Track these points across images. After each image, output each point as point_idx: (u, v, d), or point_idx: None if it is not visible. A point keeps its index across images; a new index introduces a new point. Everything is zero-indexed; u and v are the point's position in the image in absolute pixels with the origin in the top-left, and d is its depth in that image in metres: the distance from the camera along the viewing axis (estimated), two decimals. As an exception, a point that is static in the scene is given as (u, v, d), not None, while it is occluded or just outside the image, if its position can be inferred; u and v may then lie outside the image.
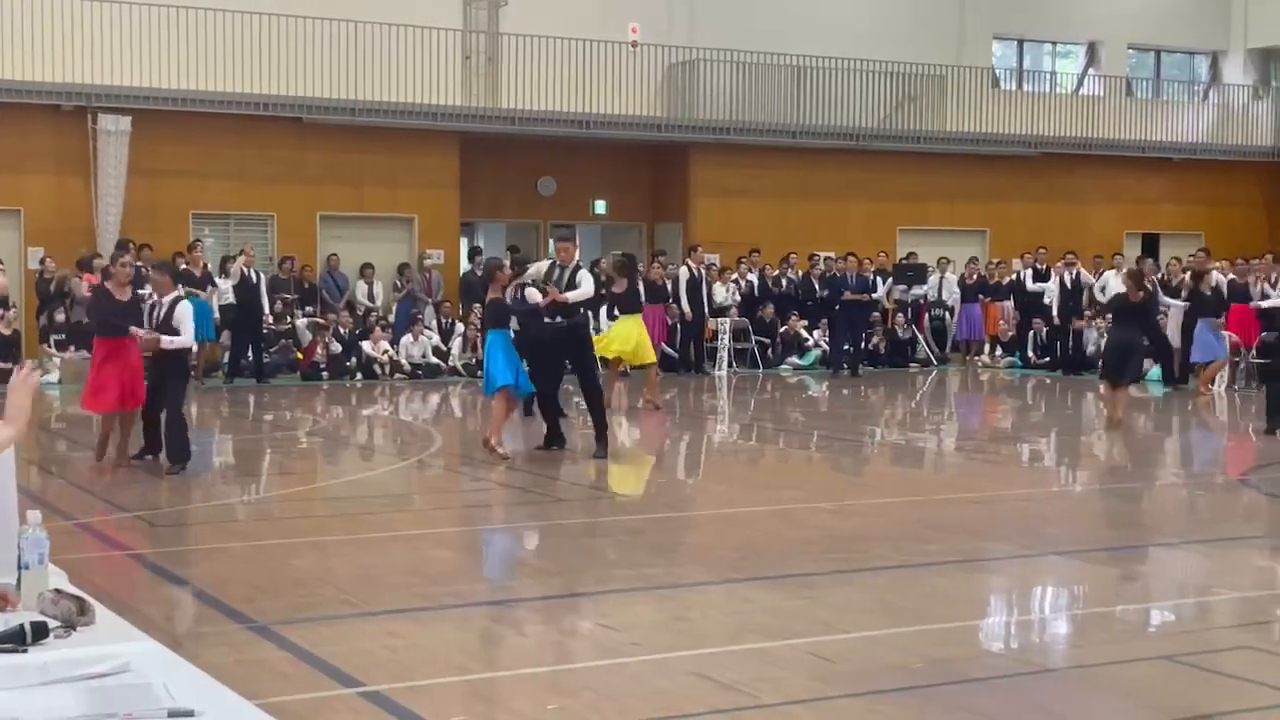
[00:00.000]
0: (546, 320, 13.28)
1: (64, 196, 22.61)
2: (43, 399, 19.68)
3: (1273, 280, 21.98)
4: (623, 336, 17.38)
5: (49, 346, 21.21)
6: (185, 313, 12.27)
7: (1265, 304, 19.57)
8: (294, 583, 8.03)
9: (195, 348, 17.01)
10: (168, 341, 12.04)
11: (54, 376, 20.90)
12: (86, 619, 3.48)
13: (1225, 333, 20.51)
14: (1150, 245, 30.39)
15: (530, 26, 25.37)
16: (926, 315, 26.40)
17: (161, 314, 12.19)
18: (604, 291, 17.65)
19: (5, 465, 3.83)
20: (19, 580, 3.65)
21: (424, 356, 22.65)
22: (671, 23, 27.02)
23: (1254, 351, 21.17)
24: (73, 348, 21.27)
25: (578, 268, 13.54)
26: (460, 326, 23.15)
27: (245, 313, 21.29)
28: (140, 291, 13.60)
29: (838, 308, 23.90)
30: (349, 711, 5.68)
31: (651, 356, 18.09)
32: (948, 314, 26.41)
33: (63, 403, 19.31)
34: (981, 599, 8.19)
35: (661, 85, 27.18)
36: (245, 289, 21.40)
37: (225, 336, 21.66)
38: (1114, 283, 25.28)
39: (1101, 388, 16.58)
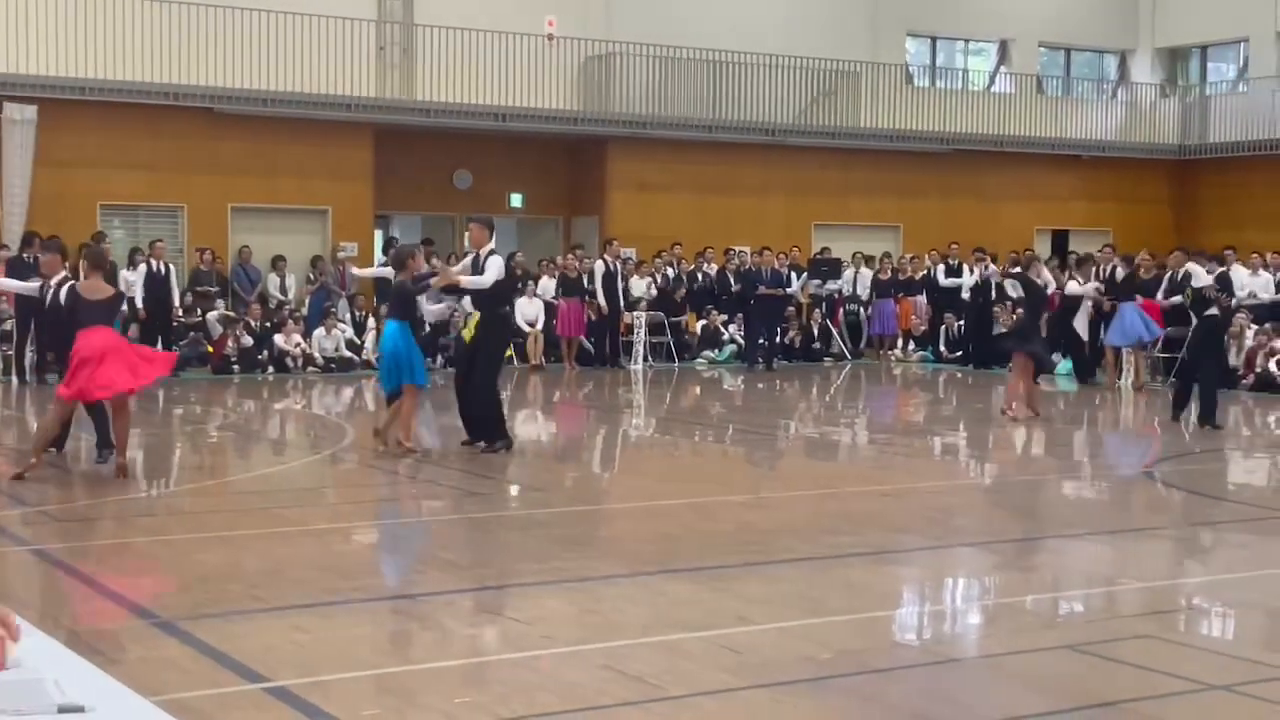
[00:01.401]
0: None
1: (-32, 187, 22.16)
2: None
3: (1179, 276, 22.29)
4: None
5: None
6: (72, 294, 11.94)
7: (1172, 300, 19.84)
8: (200, 578, 7.93)
9: None
10: None
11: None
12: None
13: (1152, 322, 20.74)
14: (1060, 241, 30.81)
15: (446, 18, 25.24)
16: (841, 310, 26.58)
17: (51, 295, 11.86)
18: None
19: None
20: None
21: (337, 350, 22.48)
22: (588, 16, 26.99)
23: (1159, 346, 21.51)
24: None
25: (491, 253, 13.35)
26: (373, 320, 22.99)
27: (154, 306, 21.00)
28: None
29: (752, 302, 24.01)
30: (252, 707, 5.62)
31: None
32: (862, 309, 26.62)
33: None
34: (892, 590, 8.25)
35: (578, 78, 27.15)
36: (154, 282, 21.11)
37: (134, 330, 21.34)
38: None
39: (1022, 382, 16.70)
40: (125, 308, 20.61)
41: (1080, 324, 21.66)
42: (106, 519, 10.23)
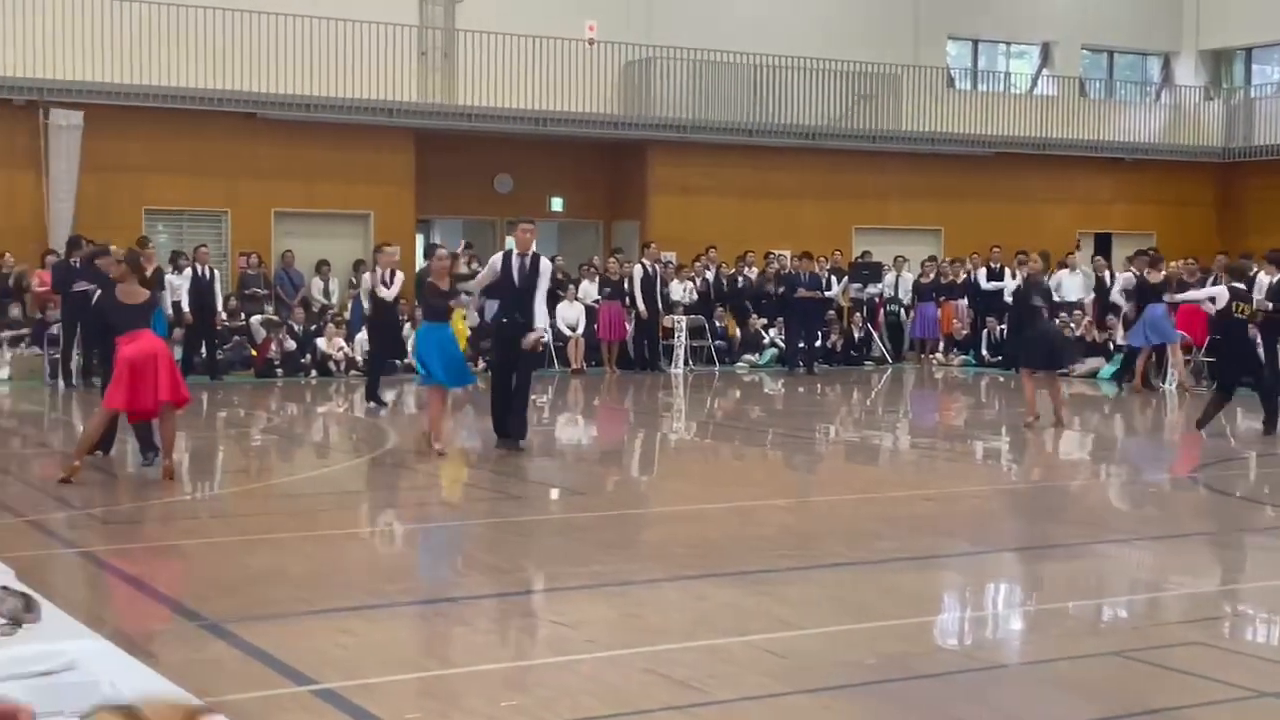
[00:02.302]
0: (517, 318, 13.27)
1: (15, 192, 22.39)
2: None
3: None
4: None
5: (6, 346, 20.99)
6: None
7: (1180, 297, 19.49)
8: (247, 580, 7.98)
9: None
10: None
11: (4, 373, 20.71)
12: (32, 616, 3.44)
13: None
14: (1103, 244, 30.62)
15: (487, 23, 25.31)
16: (882, 314, 26.51)
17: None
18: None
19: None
20: (-35, 578, 3.62)
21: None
22: (629, 20, 27.02)
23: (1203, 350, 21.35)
24: (25, 343, 21.10)
25: (536, 256, 13.49)
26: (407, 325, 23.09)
27: (199, 310, 21.16)
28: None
29: (788, 306, 23.98)
30: (301, 710, 5.65)
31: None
32: (903, 312, 26.53)
33: (14, 400, 19.13)
34: (935, 595, 8.22)
35: (618, 82, 27.17)
36: (199, 286, 21.26)
37: (178, 334, 21.49)
38: (1068, 281, 25.48)
39: (1025, 381, 16.59)
40: (171, 312, 20.82)
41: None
42: (152, 521, 10.30)
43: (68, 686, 2.79)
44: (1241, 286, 16.01)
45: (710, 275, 25.55)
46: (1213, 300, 16.54)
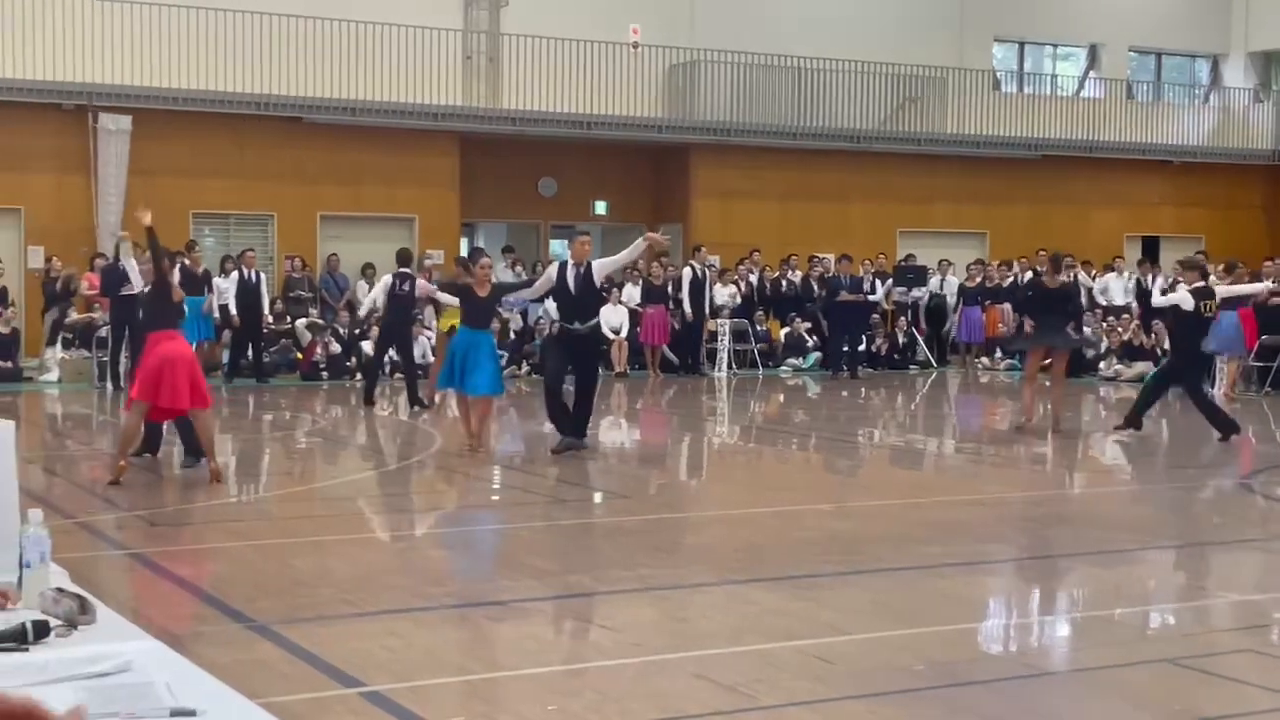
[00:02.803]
0: (576, 326, 13.55)
1: (64, 195, 22.61)
2: (40, 398, 19.69)
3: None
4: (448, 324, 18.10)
5: (59, 348, 21.18)
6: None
7: (1158, 301, 19.04)
8: (294, 582, 8.01)
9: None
10: None
11: (54, 375, 20.91)
12: (88, 618, 3.46)
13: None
14: (1150, 248, 30.41)
15: (531, 27, 25.37)
16: (926, 318, 26.39)
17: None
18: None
19: (6, 463, 3.81)
20: (20, 579, 3.64)
21: (423, 356, 22.60)
22: (673, 23, 27.03)
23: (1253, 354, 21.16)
24: (74, 346, 21.29)
25: (589, 265, 13.74)
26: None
27: (245, 313, 21.29)
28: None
29: (830, 309, 23.92)
30: (349, 712, 5.67)
31: None
32: (950, 316, 26.39)
33: (63, 402, 19.31)
34: (982, 601, 8.17)
35: (662, 86, 27.19)
36: (246, 289, 21.39)
37: (225, 336, 21.65)
38: (1114, 285, 25.31)
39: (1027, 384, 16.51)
40: (218, 314, 20.96)
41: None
42: (198, 523, 10.36)
43: (123, 687, 2.80)
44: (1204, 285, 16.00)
45: (754, 279, 25.51)
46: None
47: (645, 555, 9.01)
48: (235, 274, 21.48)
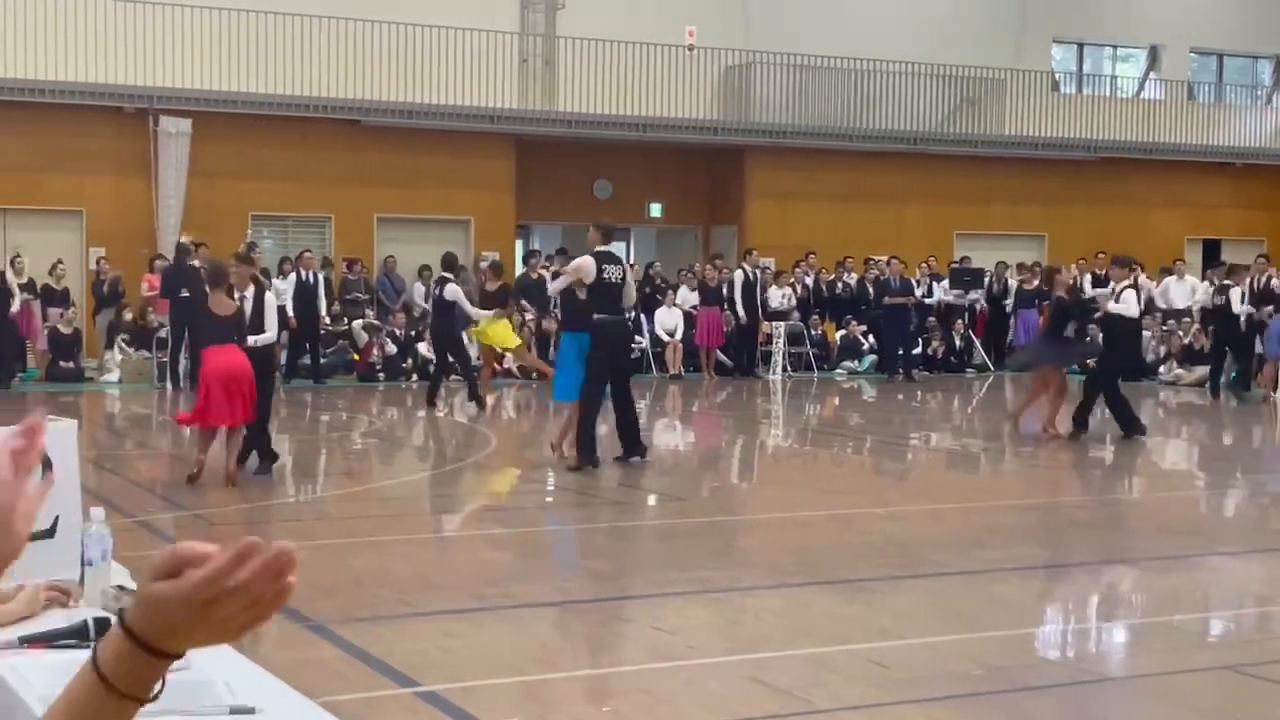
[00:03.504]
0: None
1: (125, 198, 22.85)
2: (101, 398, 19.90)
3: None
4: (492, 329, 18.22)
5: (117, 349, 21.40)
6: (271, 305, 11.85)
7: (1114, 307, 18.40)
8: (351, 582, 8.06)
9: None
10: (252, 340, 11.42)
11: (114, 376, 21.13)
12: (148, 616, 3.49)
13: None
14: (1212, 251, 30.07)
15: (587, 29, 25.41)
16: (982, 320, 26.20)
17: (248, 308, 11.53)
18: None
19: (69, 462, 3.85)
20: (82, 576, 3.68)
21: (478, 358, 22.68)
22: (728, 26, 26.99)
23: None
24: (133, 348, 21.51)
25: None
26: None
27: (303, 314, 21.43)
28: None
29: (880, 311, 23.83)
30: (404, 711, 5.70)
31: (512, 341, 19.00)
32: (1010, 319, 26.14)
33: (123, 402, 19.51)
34: (1039, 606, 8.11)
35: (718, 88, 27.16)
36: (303, 291, 21.54)
37: (283, 337, 21.79)
38: (1175, 289, 25.05)
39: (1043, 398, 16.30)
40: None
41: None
42: (257, 523, 10.44)
43: (183, 685, 2.82)
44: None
45: (809, 281, 25.43)
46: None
47: (700, 557, 9.00)
48: (293, 275, 21.63)
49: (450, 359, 18.76)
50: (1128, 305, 15.47)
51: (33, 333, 21.20)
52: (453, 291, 17.94)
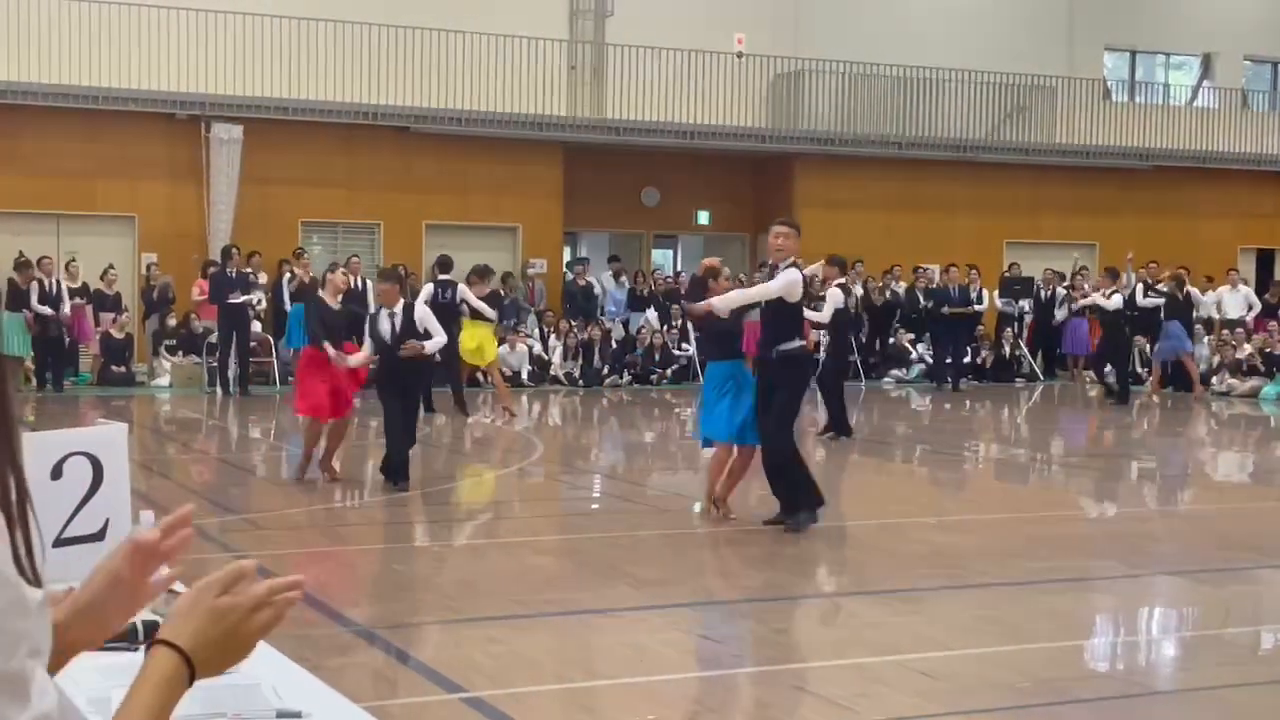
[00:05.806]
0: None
1: (177, 204, 23.04)
2: (152, 402, 20.05)
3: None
4: (473, 338, 17.89)
5: (164, 353, 21.59)
6: (428, 314, 12.22)
7: (1083, 302, 17.82)
8: (397, 587, 8.08)
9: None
10: (430, 345, 11.92)
11: (164, 380, 21.30)
12: (196, 619, 3.51)
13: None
14: (1265, 260, 29.77)
15: (635, 37, 25.42)
16: (1032, 329, 26.02)
17: (399, 322, 11.79)
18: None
19: (119, 465, 3.88)
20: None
21: (521, 365, 22.76)
22: (778, 33, 26.94)
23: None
24: (181, 353, 21.67)
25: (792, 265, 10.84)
26: (553, 337, 23.46)
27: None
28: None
29: (938, 321, 23.69)
30: (450, 717, 5.70)
31: (492, 356, 18.42)
32: (1061, 328, 25.96)
33: (174, 407, 19.65)
34: (1089, 618, 8.04)
35: (766, 96, 27.12)
36: (351, 297, 21.61)
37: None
38: (1228, 298, 24.82)
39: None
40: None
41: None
42: (303, 527, 10.49)
43: (230, 688, 2.83)
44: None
45: (858, 290, 25.31)
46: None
47: (746, 566, 8.97)
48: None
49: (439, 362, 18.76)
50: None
51: (85, 337, 21.42)
52: (463, 292, 18.05)
